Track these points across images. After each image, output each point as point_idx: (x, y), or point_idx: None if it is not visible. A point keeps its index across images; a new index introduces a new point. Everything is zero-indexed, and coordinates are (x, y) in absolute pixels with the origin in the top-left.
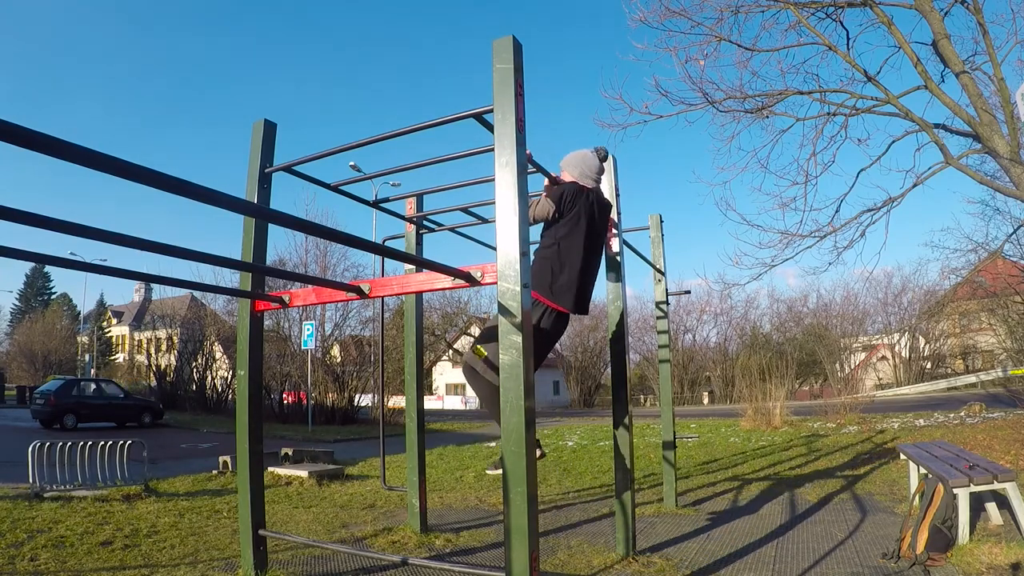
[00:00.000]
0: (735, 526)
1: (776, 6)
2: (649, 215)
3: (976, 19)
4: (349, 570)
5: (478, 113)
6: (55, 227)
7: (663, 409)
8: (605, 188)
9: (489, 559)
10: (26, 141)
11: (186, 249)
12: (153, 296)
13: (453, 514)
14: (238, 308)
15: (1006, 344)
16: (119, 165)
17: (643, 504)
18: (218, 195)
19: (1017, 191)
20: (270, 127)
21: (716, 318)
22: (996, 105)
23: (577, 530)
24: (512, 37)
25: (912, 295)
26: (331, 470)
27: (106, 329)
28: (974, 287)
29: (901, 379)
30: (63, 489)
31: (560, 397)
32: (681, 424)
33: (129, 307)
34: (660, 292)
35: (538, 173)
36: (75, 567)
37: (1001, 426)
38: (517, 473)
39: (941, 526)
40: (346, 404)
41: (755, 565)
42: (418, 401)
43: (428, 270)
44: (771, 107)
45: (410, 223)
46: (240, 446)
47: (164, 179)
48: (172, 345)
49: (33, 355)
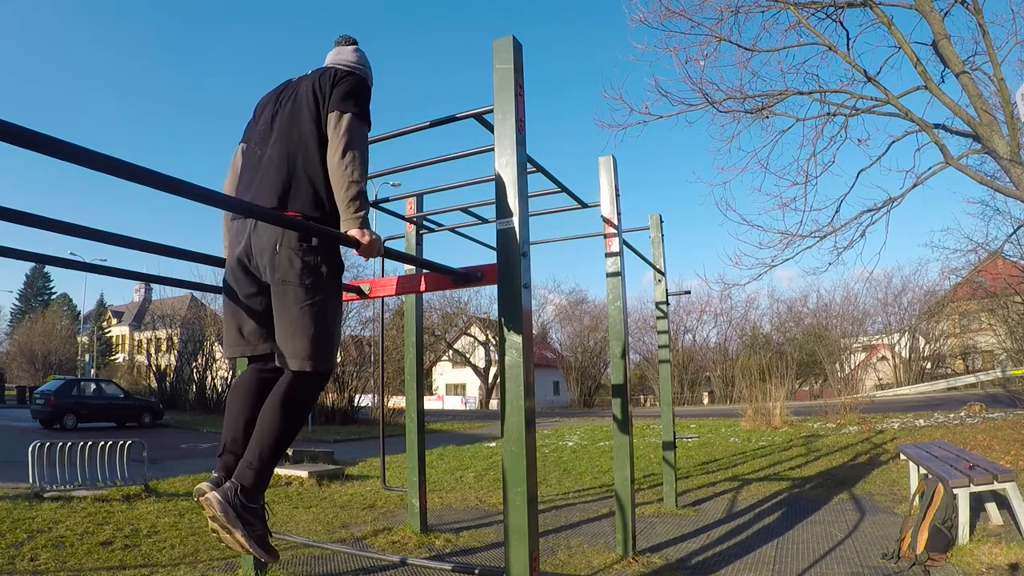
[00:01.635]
0: (735, 526)
1: (776, 6)
2: (649, 215)
3: (976, 19)
4: (349, 570)
5: (478, 113)
6: (55, 227)
7: (663, 409)
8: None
9: (489, 559)
10: (26, 141)
11: (186, 250)
12: (153, 296)
13: (453, 514)
14: None
15: (1006, 344)
16: (118, 165)
17: (643, 504)
18: (218, 195)
19: (1017, 191)
20: None
21: (716, 318)
22: (996, 105)
23: (577, 530)
24: (512, 37)
25: (912, 295)
26: (331, 470)
27: (106, 329)
28: (974, 287)
29: (901, 379)
30: (63, 489)
31: (560, 397)
32: (681, 424)
33: (129, 307)
34: (660, 292)
35: (538, 173)
36: (75, 567)
37: (1001, 426)
38: (517, 473)
39: (941, 526)
40: (346, 404)
41: (755, 565)
42: (418, 401)
43: (428, 270)
44: (771, 107)
45: (410, 223)
46: None
47: (163, 179)
48: (172, 345)
49: (33, 355)
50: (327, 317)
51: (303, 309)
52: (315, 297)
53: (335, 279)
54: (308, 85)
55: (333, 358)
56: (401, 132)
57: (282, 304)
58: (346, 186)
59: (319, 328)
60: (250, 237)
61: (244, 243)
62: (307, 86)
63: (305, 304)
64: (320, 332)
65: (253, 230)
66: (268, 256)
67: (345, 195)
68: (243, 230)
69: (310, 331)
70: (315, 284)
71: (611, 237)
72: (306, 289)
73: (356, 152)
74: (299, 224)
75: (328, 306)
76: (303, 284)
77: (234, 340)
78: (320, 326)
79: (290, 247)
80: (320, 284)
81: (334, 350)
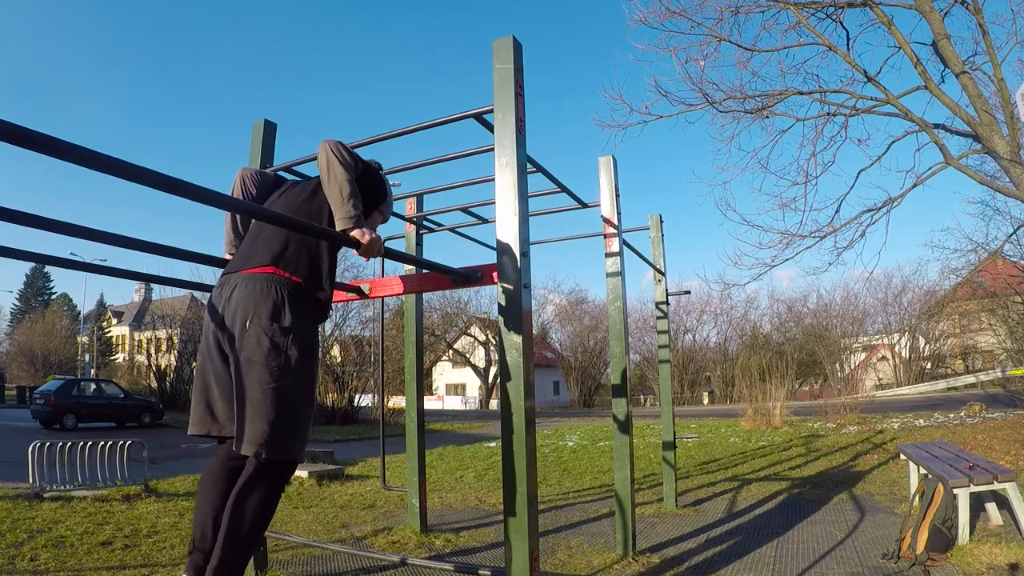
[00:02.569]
0: (735, 526)
1: (776, 6)
2: (649, 215)
3: (976, 19)
4: (349, 570)
5: (478, 113)
6: (55, 227)
7: (663, 409)
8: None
9: (489, 559)
10: (26, 141)
11: (186, 250)
12: (153, 296)
13: (453, 514)
14: None
15: (1006, 344)
16: (118, 165)
17: (643, 504)
18: (218, 196)
19: (1017, 191)
20: (270, 127)
21: (716, 318)
22: (996, 105)
23: (577, 530)
24: (512, 37)
25: (912, 295)
26: (331, 470)
27: (106, 329)
28: (974, 287)
29: (901, 379)
30: (63, 489)
31: (560, 397)
32: (681, 424)
33: (129, 307)
34: (660, 292)
35: (538, 173)
36: (75, 567)
37: (1001, 426)
38: (517, 473)
39: (941, 526)
40: (346, 404)
41: (755, 565)
42: (418, 401)
43: (428, 270)
44: (771, 107)
45: (410, 223)
46: None
47: (163, 179)
48: (172, 345)
49: (33, 355)
50: (292, 403)
51: (265, 392)
52: (280, 381)
53: (306, 362)
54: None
55: (295, 448)
56: (401, 132)
57: (245, 383)
58: (337, 187)
59: (280, 414)
60: (223, 310)
61: (218, 316)
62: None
63: (269, 387)
64: (281, 419)
65: (227, 302)
66: (238, 330)
67: (339, 195)
68: (219, 302)
69: (270, 415)
70: (283, 367)
71: (611, 237)
72: (271, 371)
73: (338, 157)
74: (300, 225)
75: (294, 391)
76: (268, 365)
77: (200, 418)
78: (282, 412)
79: (259, 325)
80: (288, 367)
81: (297, 438)
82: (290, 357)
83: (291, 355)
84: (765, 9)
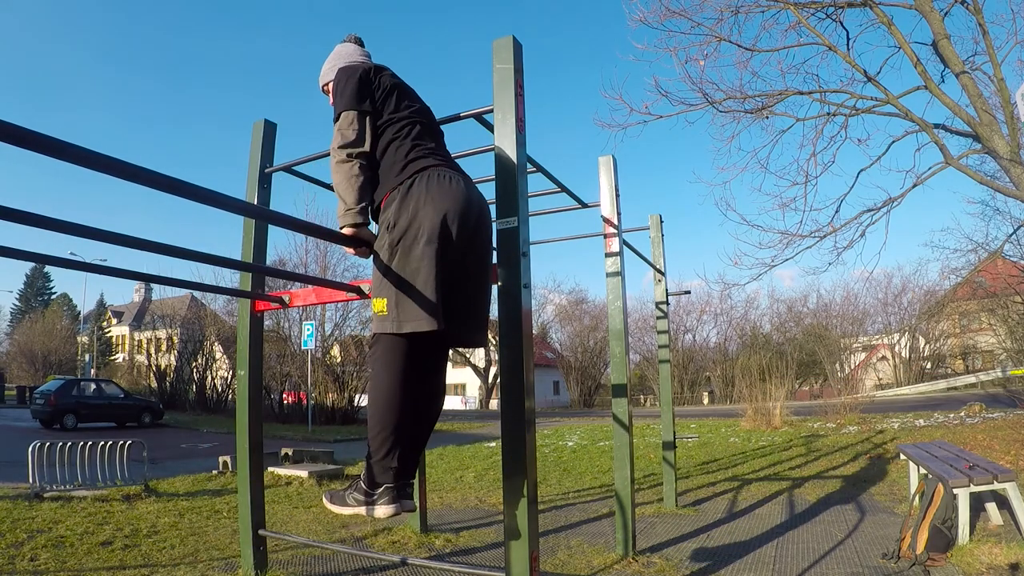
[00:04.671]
0: (735, 526)
1: (776, 6)
2: (649, 215)
3: (976, 19)
4: (349, 570)
5: (478, 113)
6: (55, 227)
7: (663, 409)
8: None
9: (489, 559)
10: (26, 141)
11: (186, 249)
12: (153, 296)
13: (453, 514)
14: (238, 308)
15: (1006, 344)
16: (119, 166)
17: (643, 504)
18: (218, 196)
19: (1017, 191)
20: (270, 127)
21: (716, 318)
22: (996, 105)
23: (577, 530)
24: (512, 37)
25: (912, 295)
26: (331, 470)
27: (106, 329)
28: (974, 287)
29: (901, 379)
30: (63, 489)
31: (560, 397)
32: (681, 424)
33: (129, 307)
34: (660, 292)
35: (538, 173)
36: (75, 567)
37: (1001, 426)
38: (517, 473)
39: (941, 526)
40: (346, 404)
41: (755, 565)
42: None
43: None
44: (771, 107)
45: None
46: (240, 446)
47: (164, 180)
48: (172, 345)
49: (33, 355)
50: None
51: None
52: (370, 366)
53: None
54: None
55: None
56: None
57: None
58: (335, 184)
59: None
60: (480, 206)
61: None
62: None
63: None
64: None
65: (480, 201)
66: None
67: (336, 193)
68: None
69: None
70: (370, 355)
71: (611, 237)
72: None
73: (335, 153)
74: (313, 227)
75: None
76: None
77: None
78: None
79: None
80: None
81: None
82: (374, 352)
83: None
84: (765, 9)
